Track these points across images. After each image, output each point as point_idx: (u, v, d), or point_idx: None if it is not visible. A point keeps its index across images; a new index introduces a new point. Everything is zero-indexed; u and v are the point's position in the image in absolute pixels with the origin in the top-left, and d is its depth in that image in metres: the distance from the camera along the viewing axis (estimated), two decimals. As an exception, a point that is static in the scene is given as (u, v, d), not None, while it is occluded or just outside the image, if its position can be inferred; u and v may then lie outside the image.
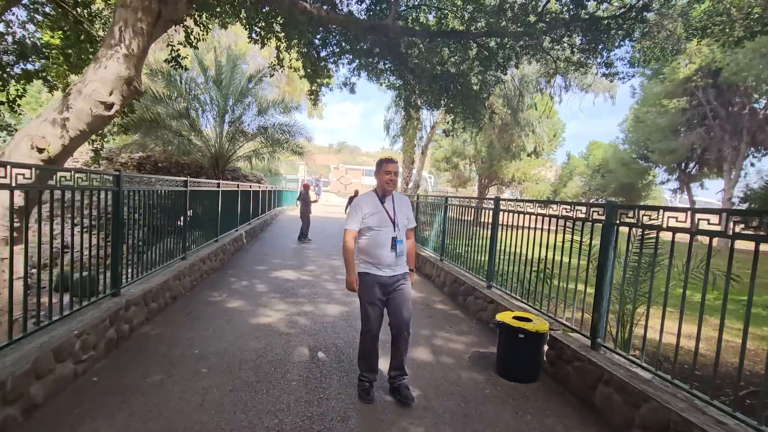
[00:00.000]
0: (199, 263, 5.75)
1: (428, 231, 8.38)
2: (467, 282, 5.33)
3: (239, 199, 9.32)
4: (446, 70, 10.58)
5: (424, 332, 4.26)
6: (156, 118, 12.66)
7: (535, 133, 18.71)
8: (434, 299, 5.68)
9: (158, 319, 4.05)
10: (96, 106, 4.57)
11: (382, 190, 2.81)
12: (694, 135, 17.60)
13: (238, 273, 6.52)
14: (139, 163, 15.99)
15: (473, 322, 4.71)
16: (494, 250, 4.91)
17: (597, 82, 16.00)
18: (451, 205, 6.54)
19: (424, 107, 11.73)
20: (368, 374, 2.81)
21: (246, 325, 4.08)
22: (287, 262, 7.68)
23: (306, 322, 4.32)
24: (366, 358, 2.82)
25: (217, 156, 14.88)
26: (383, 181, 2.78)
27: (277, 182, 26.78)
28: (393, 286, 2.77)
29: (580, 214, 3.37)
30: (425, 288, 6.30)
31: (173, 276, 4.68)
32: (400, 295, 2.78)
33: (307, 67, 11.34)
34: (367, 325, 2.78)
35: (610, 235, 2.98)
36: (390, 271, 2.76)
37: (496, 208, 4.85)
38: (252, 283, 5.89)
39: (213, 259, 6.50)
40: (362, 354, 2.84)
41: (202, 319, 4.19)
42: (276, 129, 15.51)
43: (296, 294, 5.45)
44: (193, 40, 6.36)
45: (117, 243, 3.53)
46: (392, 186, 2.80)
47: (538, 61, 11.57)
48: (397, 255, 2.74)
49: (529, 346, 3.14)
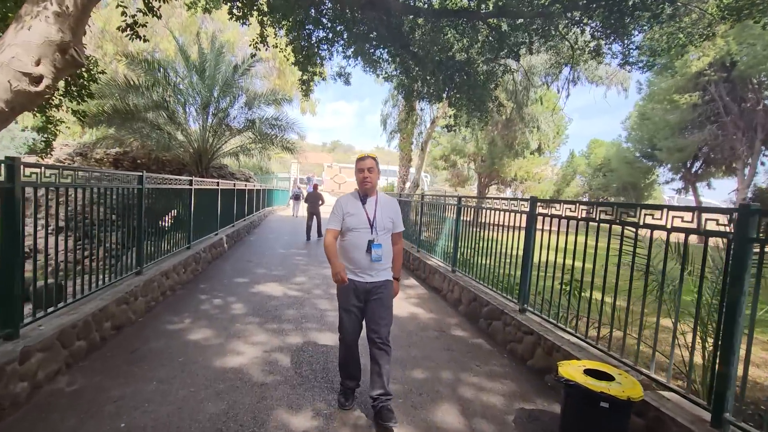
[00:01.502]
0: (161, 279, 4.66)
1: (429, 234, 7.37)
2: (491, 302, 4.31)
3: (219, 199, 8.21)
4: (452, 57, 9.56)
5: (445, 375, 3.23)
6: (131, 109, 11.48)
7: (540, 130, 17.75)
8: (449, 322, 4.66)
9: (84, 364, 2.97)
10: (17, 79, 3.48)
11: (362, 189, 2.64)
12: (705, 132, 16.79)
13: (212, 287, 5.44)
14: (115, 159, 14.75)
15: (505, 357, 3.69)
16: (529, 264, 3.89)
17: (610, 73, 15.08)
18: (467, 206, 5.51)
19: (426, 99, 10.70)
20: (348, 381, 2.68)
21: (207, 371, 3.01)
22: (273, 273, 6.60)
23: (290, 363, 3.26)
24: (345, 367, 2.69)
25: (200, 152, 13.72)
26: (359, 180, 2.62)
27: (268, 181, 25.62)
28: (371, 293, 2.56)
29: (684, 223, 2.34)
30: (435, 306, 5.28)
31: (117, 300, 3.59)
32: (377, 304, 2.55)
33: (298, 53, 10.29)
34: (342, 332, 2.63)
35: (746, 255, 1.96)
36: (368, 276, 2.55)
37: (533, 211, 3.83)
38: (227, 302, 4.81)
39: (181, 272, 5.41)
40: (341, 362, 2.71)
41: (148, 361, 3.11)
42: (265, 123, 14.39)
43: (280, 317, 4.39)
44: (156, 7, 5.24)
45: (12, 264, 2.45)
46: (368, 184, 2.59)
47: (550, 49, 10.59)
48: (373, 260, 2.53)
49: (616, 419, 2.13)
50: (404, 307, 5.01)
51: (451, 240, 6.02)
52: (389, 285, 2.63)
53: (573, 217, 3.23)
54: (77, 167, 3.10)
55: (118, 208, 4.04)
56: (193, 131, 13.68)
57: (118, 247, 4.21)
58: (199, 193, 6.85)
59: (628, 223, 2.75)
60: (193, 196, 6.32)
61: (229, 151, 14.96)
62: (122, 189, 4.06)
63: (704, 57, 15.41)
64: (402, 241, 2.83)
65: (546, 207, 3.67)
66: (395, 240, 2.72)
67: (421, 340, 3.99)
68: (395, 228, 2.69)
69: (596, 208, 3.00)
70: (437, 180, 47.25)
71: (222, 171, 16.68)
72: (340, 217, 2.59)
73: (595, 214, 2.98)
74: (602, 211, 2.94)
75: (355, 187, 2.71)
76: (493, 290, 4.63)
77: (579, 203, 3.19)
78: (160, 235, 5.10)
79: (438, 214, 6.79)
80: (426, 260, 6.74)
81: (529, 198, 3.91)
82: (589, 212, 3.07)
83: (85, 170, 3.21)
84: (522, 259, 3.94)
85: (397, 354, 3.56)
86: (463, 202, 5.67)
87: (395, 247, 2.73)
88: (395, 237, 2.72)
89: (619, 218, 2.76)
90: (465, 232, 5.57)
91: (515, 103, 15.90)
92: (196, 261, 6.11)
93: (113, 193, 3.87)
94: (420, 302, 5.39)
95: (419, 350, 3.72)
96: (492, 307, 4.27)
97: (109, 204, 3.78)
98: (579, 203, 3.19)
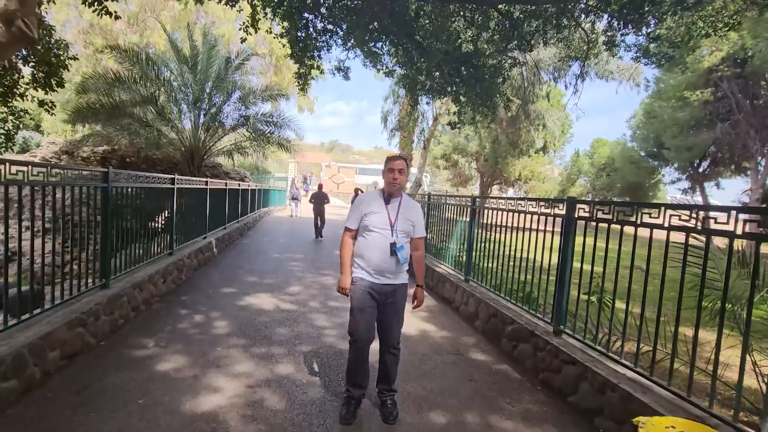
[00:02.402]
0: (132, 292, 4.02)
1: (437, 238, 6.76)
2: (517, 320, 3.69)
3: (208, 200, 7.57)
4: (459, 47, 8.93)
5: (471, 418, 2.61)
6: (117, 103, 10.81)
7: (546, 127, 17.13)
8: (466, 342, 4.03)
9: (11, 412, 2.32)
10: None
11: (388, 190, 2.56)
12: (717, 130, 16.20)
13: (195, 300, 4.80)
14: (103, 157, 14.05)
15: (539, 390, 3.06)
16: (567, 277, 3.27)
17: (622, 68, 14.46)
18: (487, 208, 4.88)
19: (430, 93, 10.07)
20: (353, 389, 2.53)
21: (172, 419, 2.37)
22: (265, 281, 5.96)
23: (278, 403, 2.63)
24: (353, 373, 2.55)
25: (192, 150, 13.05)
26: (387, 180, 2.55)
27: (264, 180, 24.97)
28: (386, 296, 2.51)
29: None
30: (448, 321, 4.65)
31: (70, 322, 2.95)
32: (392, 309, 2.54)
33: (295, 45, 9.67)
34: (356, 333, 2.50)
35: None
36: (385, 279, 2.50)
37: (571, 214, 3.20)
38: (209, 319, 4.17)
39: (159, 282, 4.77)
40: (350, 367, 2.57)
41: (98, 404, 2.47)
42: (260, 120, 13.74)
43: (270, 337, 3.75)
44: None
45: None
46: (397, 186, 2.53)
47: (561, 41, 9.99)
48: (400, 262, 2.48)
49: None
50: (413, 323, 4.38)
51: (463, 245, 5.40)
52: (404, 288, 2.60)
53: (630, 222, 2.61)
54: (12, 160, 2.46)
55: (78, 211, 3.40)
56: (184, 128, 13.00)
57: (80, 255, 3.56)
58: (184, 193, 6.20)
59: (712, 230, 2.13)
60: (176, 197, 5.68)
61: (222, 149, 14.29)
62: (84, 188, 3.42)
63: (717, 52, 14.84)
64: (423, 246, 2.73)
65: (589, 209, 3.03)
66: (417, 245, 2.68)
67: (437, 367, 3.36)
68: (415, 233, 2.62)
69: (664, 210, 2.37)
70: (437, 180, 46.66)
71: (216, 170, 16.02)
72: (359, 215, 2.55)
73: (663, 219, 2.36)
74: (674, 215, 2.32)
75: (380, 187, 2.66)
76: (517, 305, 4.00)
77: (638, 205, 2.57)
78: (134, 241, 4.45)
79: (448, 216, 6.17)
80: (434, 267, 6.11)
81: (565, 199, 3.29)
82: (655, 216, 2.44)
83: (22, 164, 2.57)
84: (557, 271, 3.31)
85: (410, 388, 2.94)
86: (479, 203, 5.05)
87: (417, 252, 2.69)
88: (417, 242, 2.66)
89: (704, 224, 2.14)
90: (478, 235, 4.95)
91: (521, 100, 15.28)
92: (178, 269, 5.47)
93: (71, 193, 3.22)
94: (430, 316, 4.77)
95: (436, 382, 3.09)
96: (518, 326, 3.64)
97: (62, 205, 3.14)
98: (638, 205, 2.57)
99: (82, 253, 3.55)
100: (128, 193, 4.30)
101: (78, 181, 3.39)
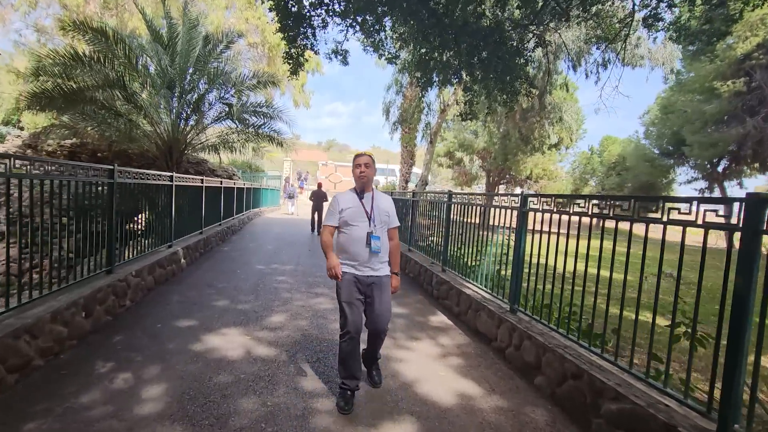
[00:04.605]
0: (12, 344, 2.56)
1: (459, 249, 5.37)
2: (626, 396, 2.25)
3: (174, 200, 6.10)
4: (479, 18, 7.52)
5: None
6: (77, 88, 9.29)
7: (563, 121, 15.70)
8: (535, 419, 2.59)
9: None
10: None
11: (358, 184, 2.73)
12: (748, 124, 14.85)
13: (130, 343, 3.34)
14: (71, 151, 12.58)
15: None
16: (745, 331, 1.84)
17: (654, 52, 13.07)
18: (543, 210, 3.42)
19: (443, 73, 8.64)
20: (349, 381, 2.56)
21: None
22: (239, 306, 4.51)
23: None
24: (346, 364, 2.58)
25: (170, 143, 11.55)
26: (356, 175, 2.72)
27: (257, 179, 23.47)
28: (372, 287, 2.62)
29: None
30: (495, 377, 3.20)
31: None
32: (378, 299, 2.62)
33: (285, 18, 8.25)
34: (346, 326, 2.56)
35: None
36: (368, 270, 2.62)
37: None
38: (138, 382, 2.71)
39: (77, 318, 3.30)
40: (342, 359, 2.59)
41: None
42: (248, 110, 12.28)
43: (224, 421, 2.30)
44: None
45: None
46: (364, 179, 2.69)
47: (597, 14, 8.60)
48: (372, 251, 2.60)
49: None
50: (443, 379, 2.96)
51: (506, 262, 3.97)
52: (388, 280, 2.71)
53: None
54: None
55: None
56: (161, 119, 11.50)
57: None
58: (132, 191, 4.75)
59: None
60: (116, 195, 4.21)
61: (206, 142, 12.82)
62: None
63: (753, 38, 13.49)
64: (397, 236, 2.88)
65: None
66: (392, 235, 2.82)
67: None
68: (390, 223, 2.78)
69: None
70: (438, 179, 45.28)
71: (200, 167, 14.54)
72: (336, 212, 2.69)
73: None
74: None
75: (353, 185, 2.79)
76: (615, 365, 2.56)
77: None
78: (30, 257, 2.99)
79: (479, 221, 4.73)
80: (461, 287, 4.68)
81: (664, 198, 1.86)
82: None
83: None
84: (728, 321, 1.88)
85: None
86: (531, 205, 3.61)
87: (392, 242, 2.81)
88: (392, 232, 2.81)
89: None
90: (527, 247, 3.52)
91: (536, 89, 13.88)
92: (117, 293, 4.00)
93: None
94: (467, 366, 3.33)
95: None
96: (633, 408, 2.20)
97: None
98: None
99: None
100: (27, 186, 2.84)
101: None
